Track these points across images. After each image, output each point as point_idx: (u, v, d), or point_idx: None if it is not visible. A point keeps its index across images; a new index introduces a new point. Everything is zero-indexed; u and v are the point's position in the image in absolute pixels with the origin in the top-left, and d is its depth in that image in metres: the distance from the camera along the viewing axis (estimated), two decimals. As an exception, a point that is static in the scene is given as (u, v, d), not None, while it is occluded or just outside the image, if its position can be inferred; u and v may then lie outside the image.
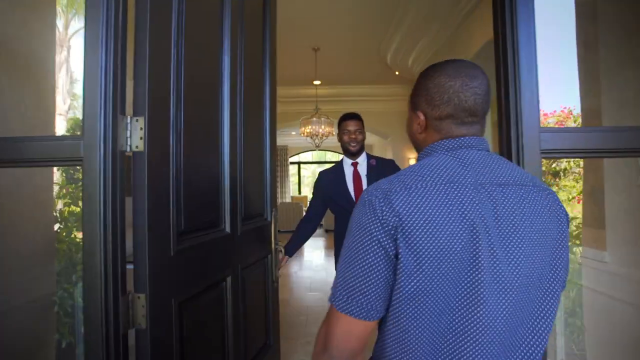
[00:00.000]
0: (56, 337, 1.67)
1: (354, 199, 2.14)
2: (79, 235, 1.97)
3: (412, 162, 7.98)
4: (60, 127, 5.21)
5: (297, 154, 14.00)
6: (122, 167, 0.97)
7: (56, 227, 1.97)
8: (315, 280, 4.75)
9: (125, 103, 1.00)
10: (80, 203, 1.96)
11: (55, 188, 2.18)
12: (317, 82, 6.83)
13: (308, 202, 2.36)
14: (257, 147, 1.75)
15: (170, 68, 1.11)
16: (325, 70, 6.11)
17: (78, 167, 0.83)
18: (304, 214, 2.38)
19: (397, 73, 6.30)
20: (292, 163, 14.01)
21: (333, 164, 2.30)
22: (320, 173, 2.33)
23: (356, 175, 2.19)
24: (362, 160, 2.19)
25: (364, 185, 2.12)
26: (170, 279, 1.10)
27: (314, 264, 5.79)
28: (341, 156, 2.31)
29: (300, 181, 14.53)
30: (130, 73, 1.00)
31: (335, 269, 0.71)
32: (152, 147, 1.01)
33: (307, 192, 15.26)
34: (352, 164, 2.17)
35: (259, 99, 1.78)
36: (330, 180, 2.20)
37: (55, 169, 1.89)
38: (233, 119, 1.46)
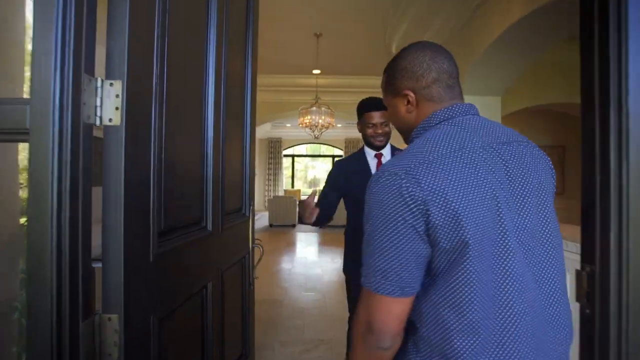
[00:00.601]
0: (15, 351, 1.41)
1: None
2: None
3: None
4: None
5: (291, 147, 13.73)
6: (89, 146, 0.72)
7: (23, 220, 1.70)
8: (310, 278, 4.53)
9: (94, 62, 0.74)
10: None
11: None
12: (316, 72, 6.56)
13: (301, 196, 2.14)
14: (237, 134, 1.56)
15: (155, 24, 0.87)
16: (326, 58, 5.84)
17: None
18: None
19: (400, 65, 6.07)
20: (285, 156, 13.73)
21: (351, 155, 2.08)
22: (338, 162, 2.08)
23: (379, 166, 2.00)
24: (386, 152, 1.95)
25: None
26: (149, 291, 0.87)
27: (308, 260, 5.56)
28: (335, 150, 2.15)
29: (294, 174, 14.26)
30: (101, 37, 0.75)
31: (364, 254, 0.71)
32: (131, 121, 0.77)
33: (301, 185, 15.02)
34: (376, 155, 1.94)
35: (239, 82, 1.59)
36: (351, 171, 1.94)
37: (19, 146, 1.60)
38: (217, 100, 1.25)
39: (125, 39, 0.75)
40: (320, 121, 5.24)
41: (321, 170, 15.58)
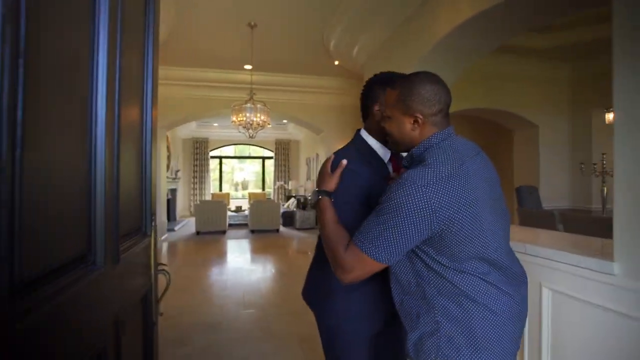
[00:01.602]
0: None
1: None
2: None
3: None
4: None
5: (218, 148, 12.92)
6: None
7: None
8: (249, 291, 4.09)
9: None
10: None
11: None
12: (248, 67, 6.12)
13: (230, 200, 1.74)
14: (134, 131, 1.19)
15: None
16: (260, 53, 5.44)
17: None
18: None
19: (336, 63, 5.92)
20: (212, 157, 12.88)
21: (349, 148, 1.29)
22: (339, 156, 1.20)
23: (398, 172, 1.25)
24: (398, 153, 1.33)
25: None
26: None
27: (244, 270, 5.10)
28: (265, 151, 1.69)
29: (222, 177, 13.45)
30: None
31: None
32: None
33: (228, 189, 14.23)
34: (391, 157, 1.28)
35: (137, 77, 1.21)
36: (369, 173, 1.19)
37: None
38: (111, 91, 0.86)
39: None
40: (255, 119, 4.82)
41: (250, 172, 14.97)
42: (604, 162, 4.35)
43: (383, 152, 1.24)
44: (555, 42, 5.35)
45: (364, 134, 1.28)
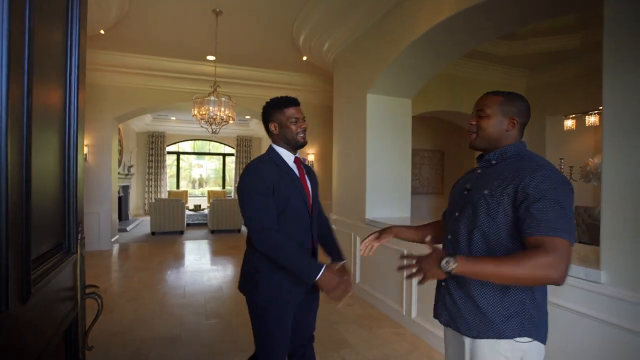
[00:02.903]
0: None
1: (310, 202, 1.61)
2: None
3: (310, 157, 7.56)
4: None
5: (175, 143, 12.24)
6: None
7: None
8: (210, 299, 3.81)
9: None
10: None
11: None
12: (211, 58, 5.76)
13: (189, 199, 1.58)
14: (54, 119, 0.95)
15: None
16: (225, 43, 5.12)
17: None
18: (264, 232, 1.44)
19: (305, 58, 5.74)
20: (169, 153, 12.18)
21: (260, 156, 1.64)
22: (260, 164, 1.54)
23: (302, 173, 1.63)
24: (298, 155, 1.68)
25: (309, 185, 1.64)
26: None
27: (204, 274, 4.77)
28: (225, 148, 1.71)
29: (179, 174, 12.78)
30: None
31: None
32: None
33: (186, 186, 13.57)
34: (295, 160, 1.64)
35: (57, 40, 0.97)
36: (278, 172, 1.54)
37: None
38: (16, 62, 0.61)
39: None
40: (219, 114, 4.50)
41: (208, 169, 14.37)
42: (562, 166, 4.55)
43: (288, 156, 1.61)
44: (515, 50, 5.54)
45: (275, 146, 1.62)
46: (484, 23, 2.89)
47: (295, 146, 1.60)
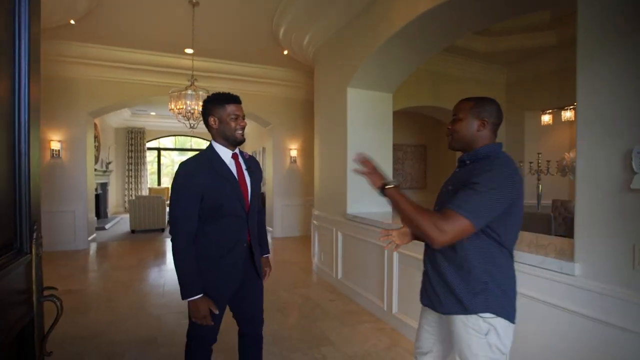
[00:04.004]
0: None
1: (247, 200, 1.67)
2: None
3: (293, 152, 7.49)
4: None
5: (156, 139, 11.97)
6: None
7: None
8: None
9: None
10: None
11: None
12: (189, 51, 5.62)
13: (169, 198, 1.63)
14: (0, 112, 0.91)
15: None
16: (202, 36, 5.00)
17: None
18: (180, 234, 1.56)
19: (285, 52, 5.65)
20: (150, 149, 11.91)
21: (195, 154, 1.67)
22: (189, 166, 1.59)
23: (240, 170, 1.69)
24: (236, 151, 1.73)
25: (247, 181, 1.69)
26: None
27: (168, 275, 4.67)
28: (207, 143, 1.74)
29: (160, 170, 12.51)
30: None
31: None
32: None
33: (168, 182, 13.31)
34: (233, 155, 1.69)
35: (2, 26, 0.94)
36: (211, 176, 1.59)
37: None
38: None
39: None
40: (197, 108, 4.39)
41: (192, 165, 14.10)
42: (540, 161, 4.64)
43: (225, 153, 1.66)
44: (493, 47, 5.61)
45: (214, 143, 1.67)
46: (457, 19, 2.89)
47: (233, 143, 1.65)
